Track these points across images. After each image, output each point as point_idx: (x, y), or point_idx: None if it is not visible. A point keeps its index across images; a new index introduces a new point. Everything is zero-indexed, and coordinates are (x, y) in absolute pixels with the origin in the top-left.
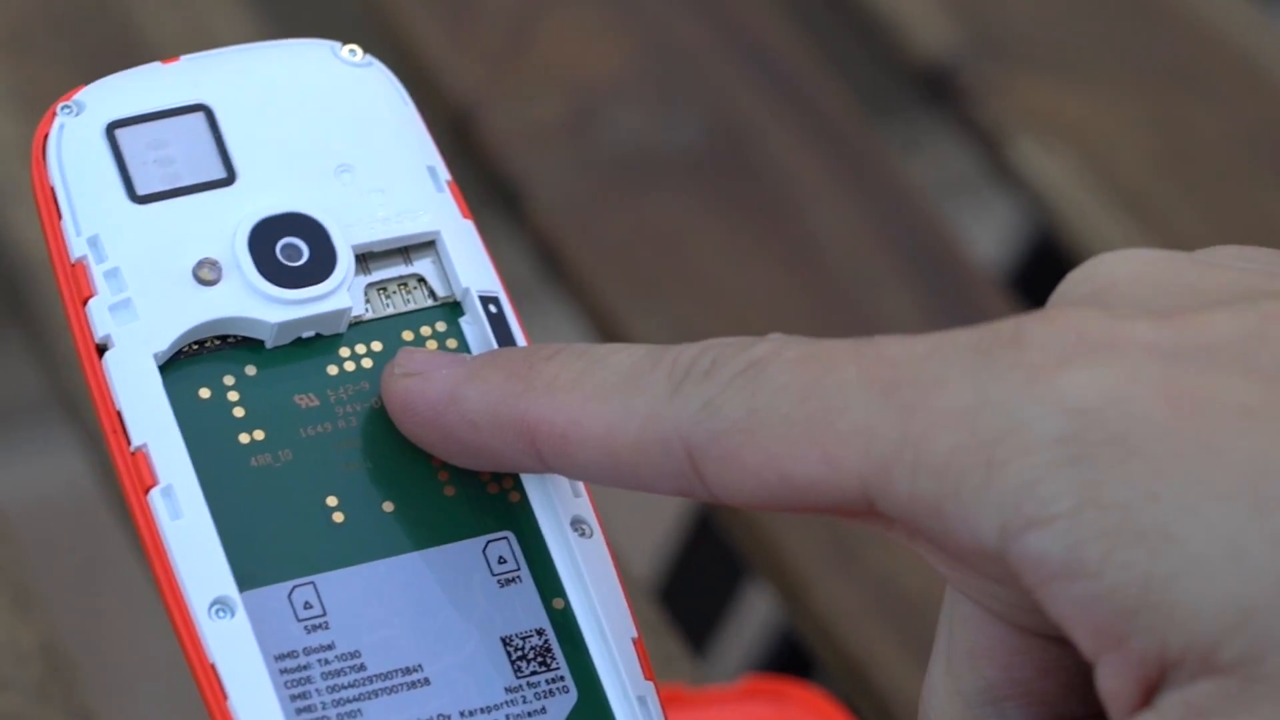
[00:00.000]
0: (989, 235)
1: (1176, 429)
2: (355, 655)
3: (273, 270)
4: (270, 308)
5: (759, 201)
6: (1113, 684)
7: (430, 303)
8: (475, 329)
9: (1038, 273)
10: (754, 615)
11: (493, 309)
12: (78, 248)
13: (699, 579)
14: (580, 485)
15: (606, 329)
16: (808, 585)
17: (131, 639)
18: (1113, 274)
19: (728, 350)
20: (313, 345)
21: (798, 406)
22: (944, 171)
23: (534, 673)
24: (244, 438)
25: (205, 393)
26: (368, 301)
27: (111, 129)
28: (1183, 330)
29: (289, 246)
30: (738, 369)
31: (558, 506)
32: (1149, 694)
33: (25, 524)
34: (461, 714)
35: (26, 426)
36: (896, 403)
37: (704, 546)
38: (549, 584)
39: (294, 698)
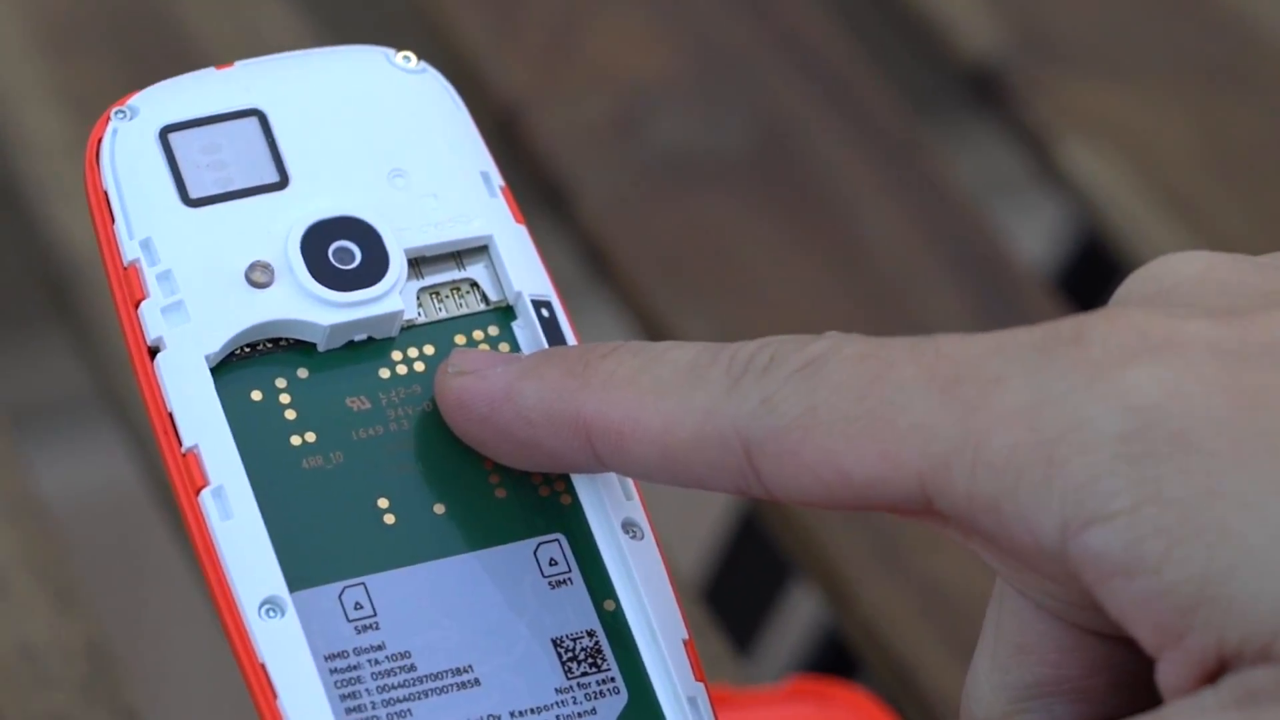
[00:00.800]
0: (1035, 236)
1: (1236, 426)
2: (406, 656)
3: (325, 273)
4: (322, 310)
5: (806, 202)
6: (1173, 678)
7: (482, 307)
8: (527, 333)
9: (1084, 274)
10: (798, 616)
11: (545, 313)
12: (130, 251)
13: (744, 579)
14: (632, 487)
15: (653, 329)
16: (854, 587)
17: (177, 637)
18: (1176, 274)
19: (786, 347)
20: (365, 348)
21: (856, 404)
22: (990, 172)
23: (584, 674)
24: (295, 440)
25: (257, 395)
26: (420, 305)
27: (165, 133)
28: (1244, 330)
29: (341, 250)
30: (796, 366)
31: (609, 509)
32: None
33: (70, 522)
34: (511, 714)
35: (72, 425)
36: (956, 401)
37: (749, 547)
38: (600, 586)
39: (344, 697)
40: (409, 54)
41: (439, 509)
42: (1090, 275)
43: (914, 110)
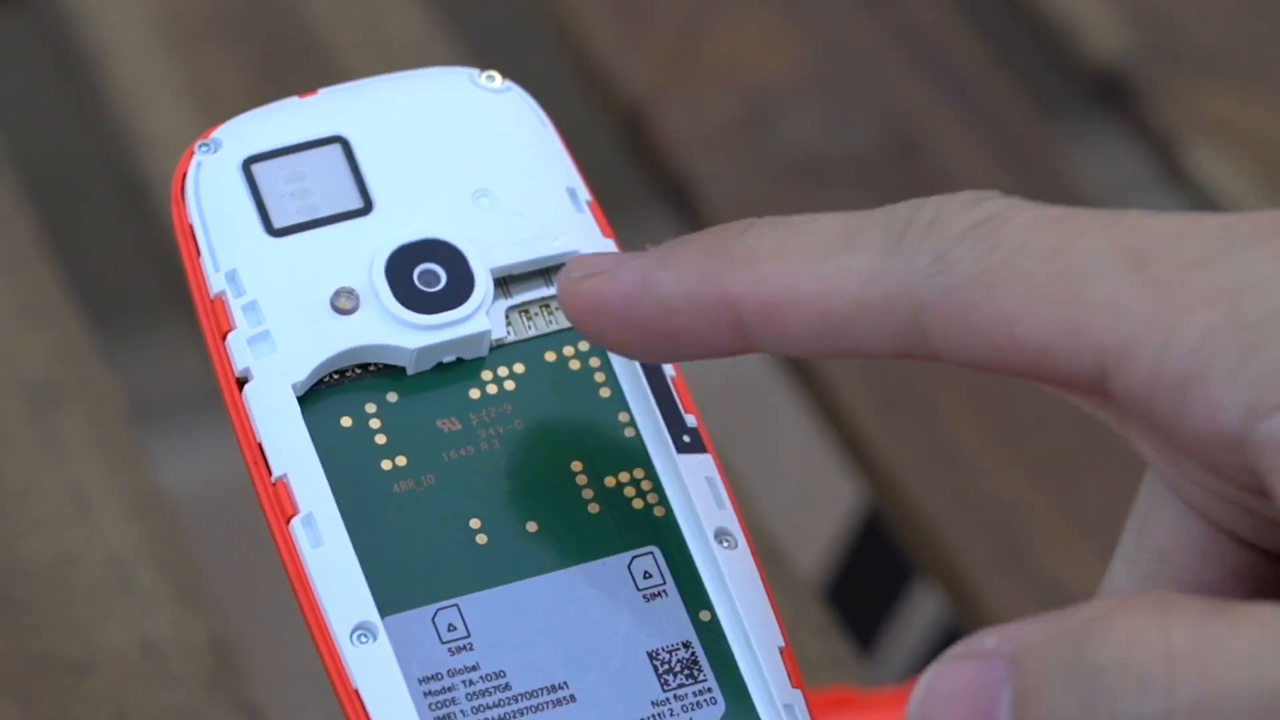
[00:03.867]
0: None
1: None
2: (500, 675)
3: (410, 296)
4: (409, 334)
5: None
6: None
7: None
8: None
9: None
10: (921, 616)
11: None
12: (216, 283)
13: (867, 580)
14: (724, 495)
15: None
16: (977, 588)
17: (299, 633)
18: None
19: (951, 206)
20: (454, 370)
21: (1041, 266)
22: (1116, 175)
23: (681, 685)
24: (386, 464)
25: (347, 421)
26: (509, 324)
27: (248, 164)
28: None
29: (427, 272)
30: (970, 223)
31: (702, 519)
32: None
33: (194, 517)
34: None
35: (195, 419)
36: (1150, 278)
37: (872, 547)
38: (695, 597)
39: (439, 719)
40: (493, 73)
41: (531, 527)
42: None
43: (1040, 112)
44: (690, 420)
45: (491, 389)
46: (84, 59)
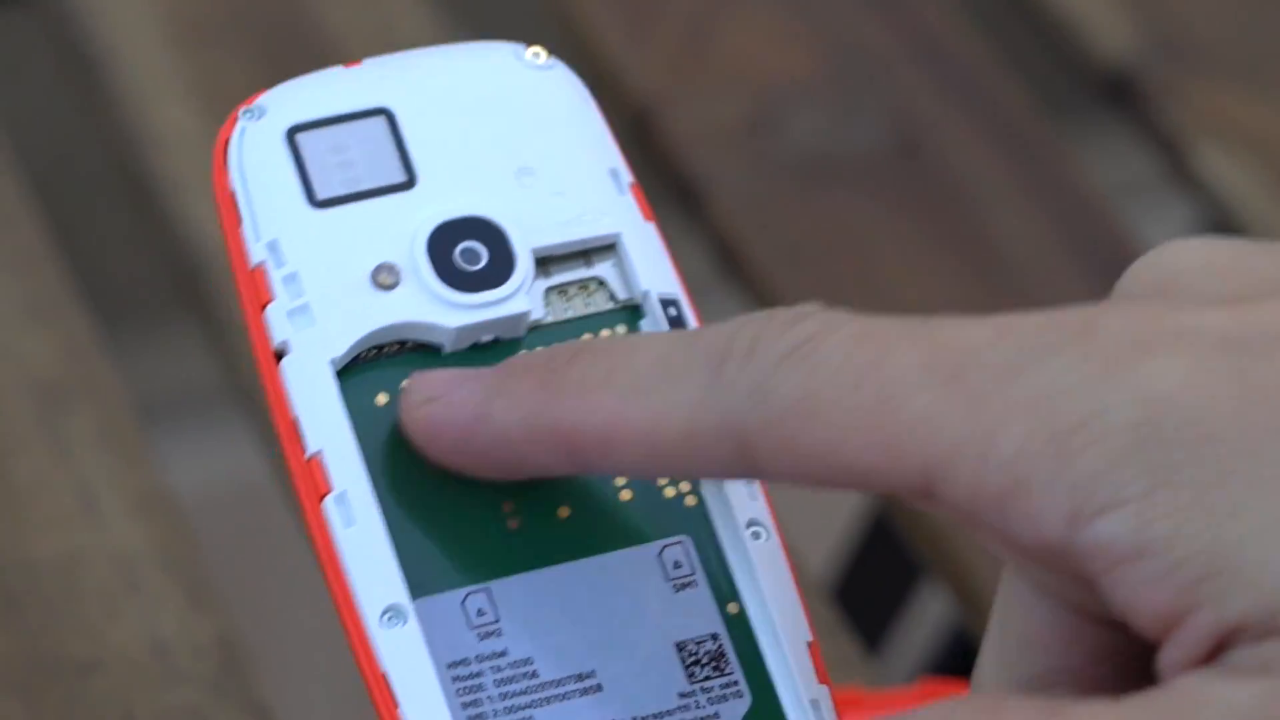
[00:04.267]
0: (1167, 239)
1: (1245, 415)
2: (528, 662)
3: (451, 274)
4: (448, 312)
5: (938, 202)
6: (1176, 659)
7: (610, 305)
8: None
9: None
10: (929, 616)
11: (673, 311)
12: (257, 253)
13: (874, 579)
14: (756, 487)
15: None
16: (985, 588)
17: (307, 633)
18: (1179, 263)
19: (769, 328)
20: (491, 349)
21: (854, 392)
22: (1123, 174)
23: (708, 678)
24: None
25: (383, 398)
26: (548, 305)
27: (292, 133)
28: (1249, 319)
29: (468, 250)
30: (785, 349)
31: (734, 509)
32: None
33: (201, 517)
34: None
35: (204, 419)
36: (962, 391)
37: (880, 547)
38: (724, 588)
39: (465, 705)
40: (539, 49)
41: (563, 512)
42: None
43: (1047, 111)
44: None
45: None
46: (91, 57)
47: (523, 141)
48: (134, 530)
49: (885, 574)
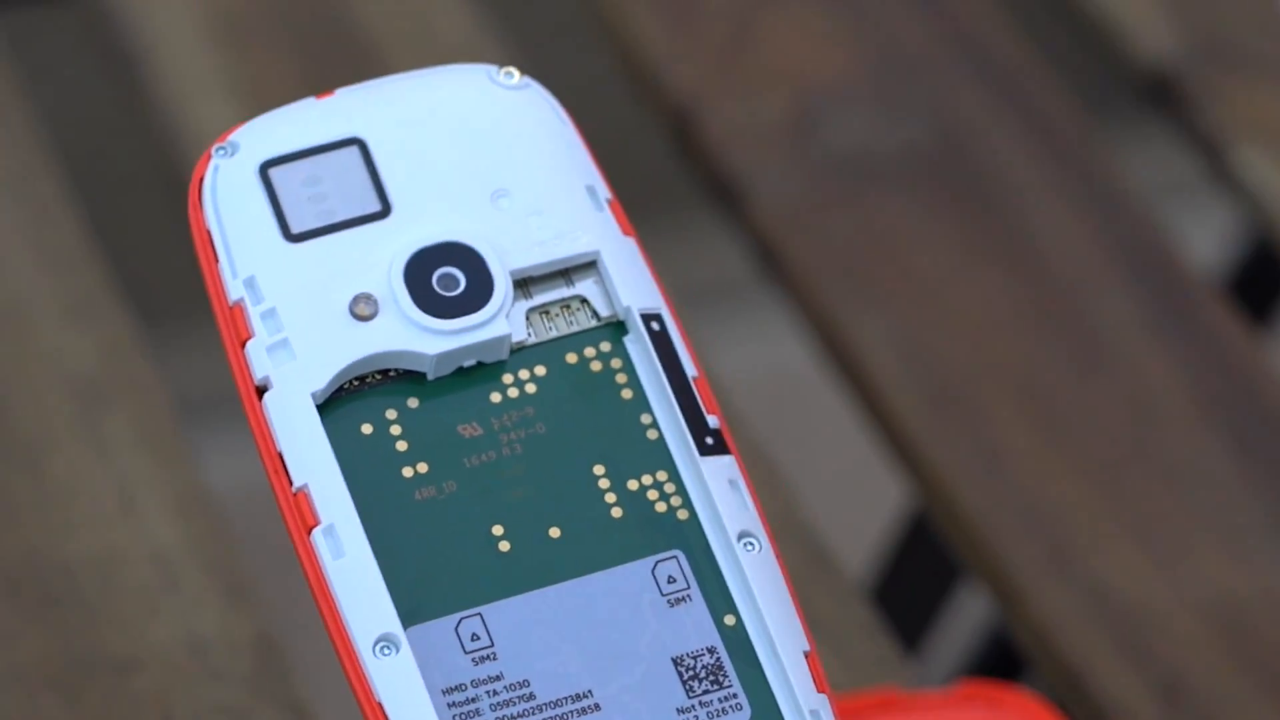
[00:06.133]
0: (1207, 240)
1: None
2: (524, 684)
3: (429, 301)
4: (428, 339)
5: (979, 203)
6: None
7: (593, 323)
8: (639, 347)
9: (1255, 278)
10: (968, 617)
11: (655, 326)
12: (235, 290)
13: (913, 581)
14: (748, 498)
15: (825, 329)
16: (1024, 591)
17: None
18: None
19: None
20: (475, 374)
21: None
22: (1163, 175)
23: (706, 691)
24: (407, 471)
25: (367, 428)
26: (530, 325)
27: (265, 168)
28: None
29: (445, 276)
30: None
31: (726, 522)
32: None
33: (240, 516)
34: None
35: (242, 418)
36: None
37: (918, 548)
38: (719, 601)
39: None
40: (511, 70)
41: (554, 532)
42: (1262, 280)
43: (1088, 112)
44: (713, 421)
45: (513, 392)
46: (131, 57)
47: (498, 163)
48: (172, 529)
49: (924, 575)
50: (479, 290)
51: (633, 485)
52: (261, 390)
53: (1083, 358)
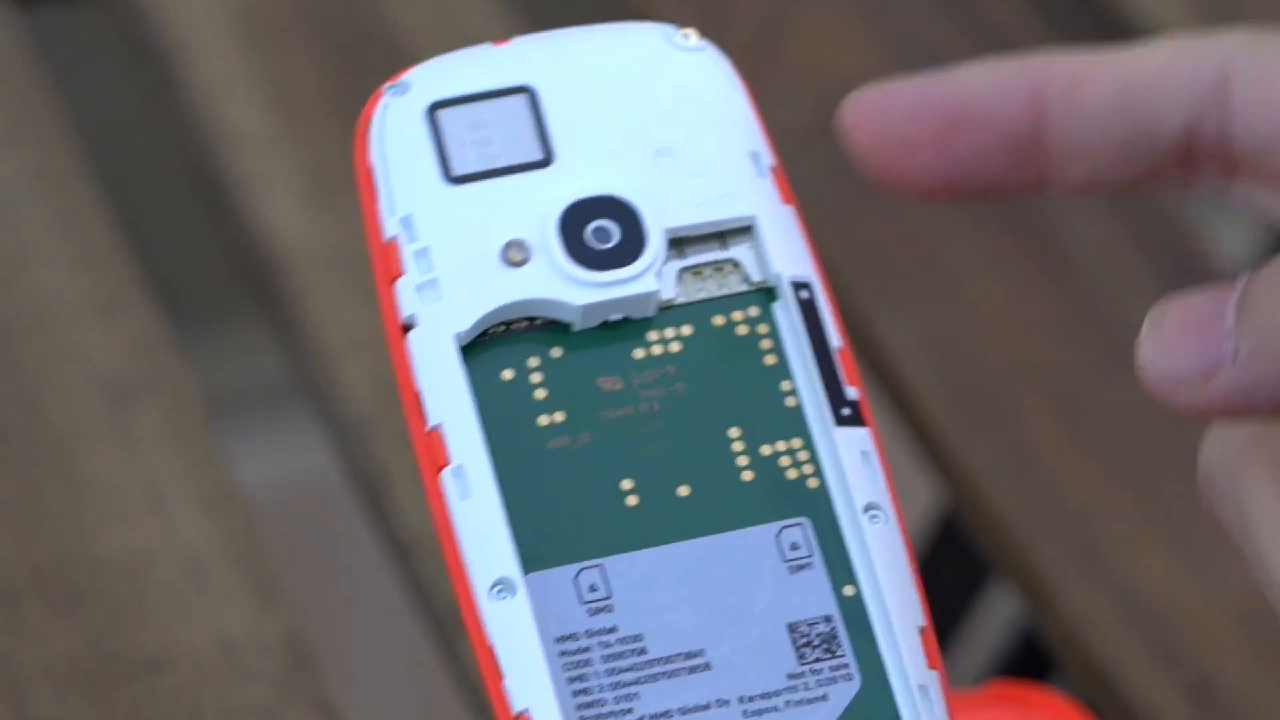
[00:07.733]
0: (1238, 237)
1: None
2: (638, 639)
3: (581, 252)
4: (577, 290)
5: (1011, 203)
6: None
7: (744, 288)
8: (786, 315)
9: None
10: (997, 617)
11: (804, 294)
12: (391, 227)
13: (943, 580)
14: (878, 471)
15: (856, 330)
16: (1054, 591)
17: (375, 630)
18: None
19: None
20: (620, 329)
21: None
22: None
23: (818, 660)
24: (543, 420)
25: (508, 374)
26: (680, 285)
27: (434, 109)
28: None
29: (600, 229)
30: None
31: (853, 492)
32: None
33: (269, 514)
34: (740, 699)
35: (272, 416)
36: None
37: (948, 548)
38: (840, 571)
39: (571, 680)
40: (689, 31)
41: (683, 491)
42: None
43: None
44: (852, 393)
45: (656, 350)
46: (161, 55)
47: (664, 122)
48: (202, 528)
49: (954, 575)
50: (632, 245)
51: (766, 450)
52: (407, 328)
53: (1114, 358)
